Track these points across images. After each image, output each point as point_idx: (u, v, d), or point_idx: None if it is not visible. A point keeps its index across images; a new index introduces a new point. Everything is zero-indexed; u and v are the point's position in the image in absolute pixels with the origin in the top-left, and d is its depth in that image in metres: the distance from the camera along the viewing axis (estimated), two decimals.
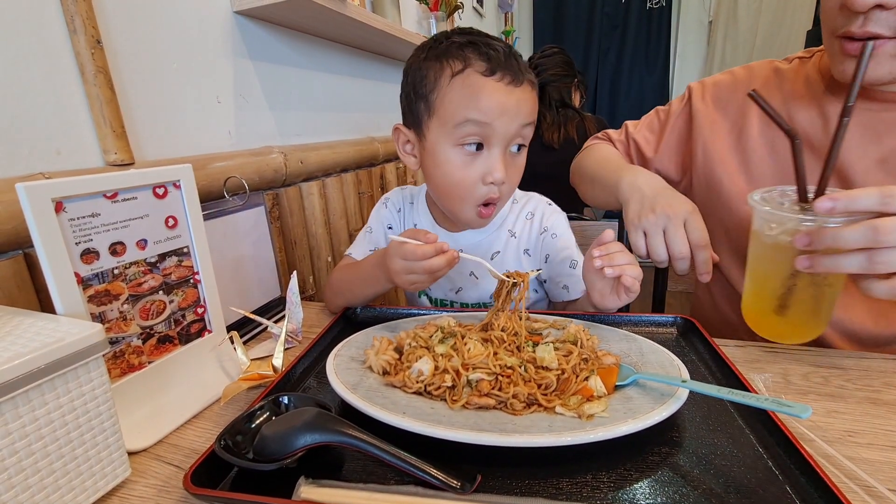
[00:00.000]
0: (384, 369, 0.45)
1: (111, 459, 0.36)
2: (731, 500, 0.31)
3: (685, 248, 0.57)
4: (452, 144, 0.57)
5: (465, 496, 0.31)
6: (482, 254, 0.66)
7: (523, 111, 0.56)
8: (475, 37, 0.57)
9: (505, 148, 0.57)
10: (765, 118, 0.65)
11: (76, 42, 0.52)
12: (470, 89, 0.54)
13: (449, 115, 0.56)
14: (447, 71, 0.55)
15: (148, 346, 0.45)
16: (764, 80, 0.68)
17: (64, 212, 0.37)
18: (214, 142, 0.74)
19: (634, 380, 0.42)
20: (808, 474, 0.32)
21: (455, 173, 0.58)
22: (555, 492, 0.33)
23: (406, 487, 0.33)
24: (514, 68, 0.55)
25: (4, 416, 0.29)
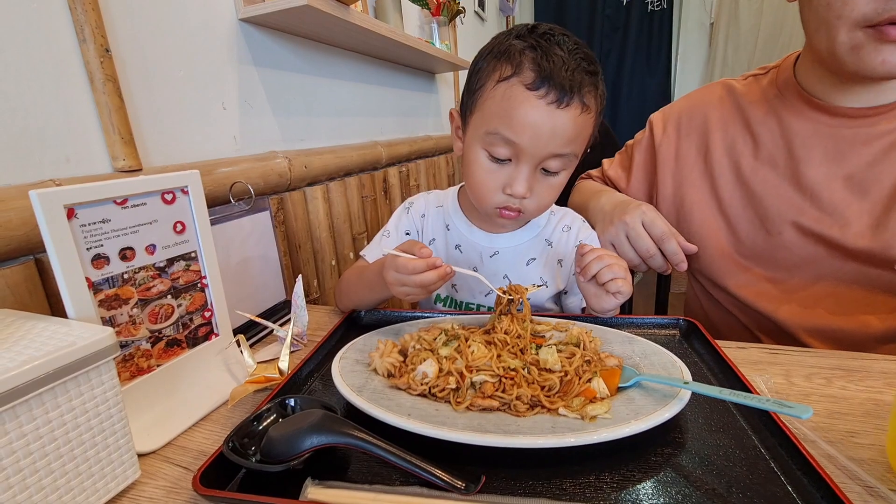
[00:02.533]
0: (389, 372, 0.46)
1: (121, 461, 0.36)
2: (734, 499, 0.32)
3: (651, 245, 0.60)
4: (482, 147, 0.55)
5: (469, 497, 0.32)
6: (517, 258, 0.67)
7: (560, 136, 0.52)
8: (546, 38, 0.52)
9: (535, 166, 0.54)
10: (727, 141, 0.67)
11: (85, 51, 0.53)
12: (508, 102, 0.51)
13: (485, 120, 0.54)
14: (496, 74, 0.53)
15: (157, 350, 0.45)
16: (719, 97, 0.69)
17: (75, 218, 0.38)
18: (220, 147, 0.75)
19: (637, 381, 0.43)
20: (810, 475, 0.32)
21: (479, 174, 0.57)
22: (558, 492, 0.33)
23: (411, 488, 0.33)
24: (566, 85, 0.50)
25: (19, 418, 0.30)
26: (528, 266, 0.67)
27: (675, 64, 2.99)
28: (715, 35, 2.79)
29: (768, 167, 0.63)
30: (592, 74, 0.52)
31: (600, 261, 0.53)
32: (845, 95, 0.56)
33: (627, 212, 0.63)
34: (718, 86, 0.71)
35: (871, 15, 0.47)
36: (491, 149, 0.54)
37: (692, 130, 0.71)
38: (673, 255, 0.60)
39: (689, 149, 0.71)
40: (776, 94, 0.63)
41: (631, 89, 3.08)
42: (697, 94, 0.74)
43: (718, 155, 0.67)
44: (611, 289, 0.52)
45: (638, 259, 0.62)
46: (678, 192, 0.71)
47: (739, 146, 0.65)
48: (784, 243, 0.62)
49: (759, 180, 0.63)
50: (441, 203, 0.72)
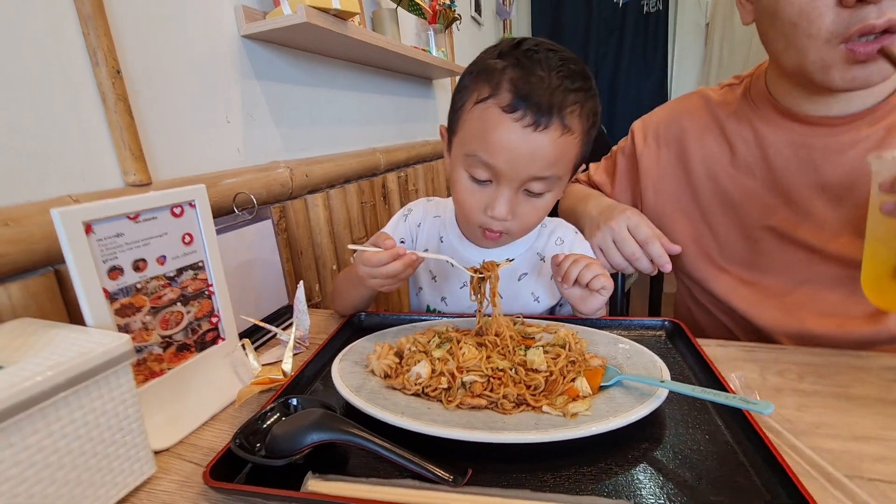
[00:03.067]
0: (385, 373, 0.49)
1: (138, 458, 0.39)
2: (703, 489, 0.34)
3: (636, 248, 0.62)
4: (463, 168, 0.55)
5: (457, 489, 0.34)
6: (510, 274, 0.67)
7: (539, 159, 0.50)
8: (529, 56, 0.50)
9: (516, 188, 0.54)
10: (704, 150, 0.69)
11: (98, 73, 0.56)
12: (484, 124, 0.51)
13: (464, 141, 0.54)
14: (475, 95, 0.52)
15: (168, 354, 0.48)
16: (695, 107, 0.71)
17: (93, 233, 0.41)
18: (224, 159, 0.78)
19: (618, 381, 0.45)
20: (773, 465, 0.34)
21: (462, 194, 0.57)
22: (539, 484, 0.35)
23: (404, 481, 0.36)
24: (544, 107, 0.48)
25: (48, 418, 0.33)
26: (519, 281, 0.68)
27: (672, 65, 3.01)
28: (710, 36, 2.81)
29: (745, 175, 0.65)
30: (578, 92, 0.50)
31: (577, 264, 0.56)
32: (815, 105, 0.58)
33: (613, 217, 0.65)
34: (695, 96, 0.73)
35: (840, 30, 0.47)
36: (471, 170, 0.54)
37: (671, 140, 0.73)
38: (658, 258, 0.62)
39: (669, 158, 0.73)
40: (749, 105, 0.64)
41: (628, 91, 3.11)
42: (675, 104, 0.76)
43: (696, 164, 0.69)
44: (595, 286, 0.55)
45: (624, 262, 0.64)
46: (659, 200, 0.73)
47: (716, 155, 0.67)
48: (764, 249, 0.64)
49: (736, 188, 0.65)
50: (439, 213, 0.72)
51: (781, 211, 0.62)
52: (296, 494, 0.35)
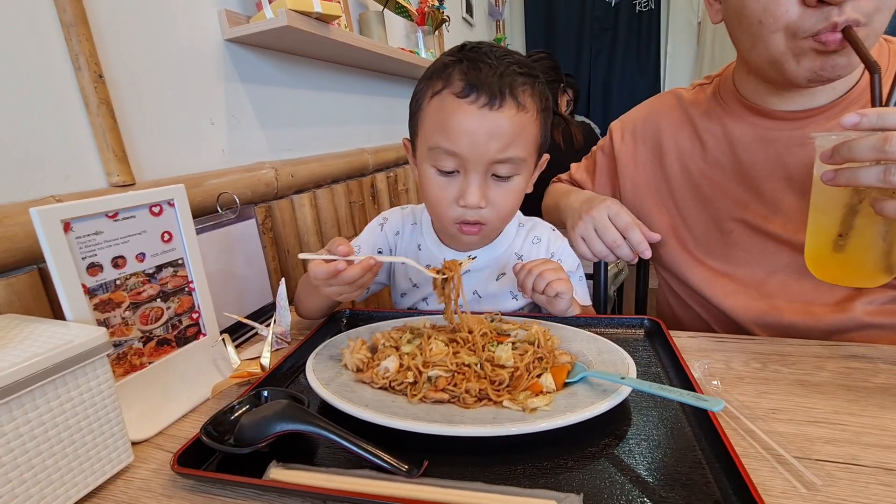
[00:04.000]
0: (357, 367, 0.50)
1: (116, 447, 0.41)
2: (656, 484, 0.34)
3: (617, 236, 0.64)
4: (430, 164, 0.56)
5: (412, 479, 0.35)
6: (488, 275, 0.69)
7: (499, 138, 0.52)
8: (474, 51, 0.54)
9: (484, 174, 0.55)
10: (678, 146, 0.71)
11: (81, 78, 0.58)
12: (442, 113, 0.53)
13: (426, 137, 0.56)
14: (429, 91, 0.54)
15: (148, 349, 0.50)
16: (669, 105, 0.74)
17: (71, 231, 0.43)
18: (209, 160, 0.80)
19: (583, 377, 0.45)
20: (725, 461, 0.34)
21: (432, 190, 0.58)
22: (493, 477, 0.36)
23: (362, 471, 0.37)
24: (495, 87, 0.50)
25: (24, 406, 0.34)
26: (497, 281, 0.69)
27: (665, 63, 3.03)
28: (702, 34, 2.83)
29: (716, 169, 0.67)
30: (526, 76, 0.53)
31: (530, 274, 0.57)
32: (780, 100, 0.60)
33: (594, 206, 0.67)
34: (669, 95, 0.76)
35: (806, 26, 0.48)
36: (437, 163, 0.55)
37: (647, 138, 0.75)
38: (637, 245, 0.63)
39: (646, 155, 0.75)
40: (719, 102, 0.67)
41: (621, 89, 3.12)
42: (651, 103, 0.78)
43: (671, 160, 0.71)
44: (549, 293, 0.56)
45: (606, 250, 0.66)
46: (637, 194, 0.75)
47: (689, 151, 0.70)
48: (736, 241, 0.66)
49: (707, 182, 0.68)
50: (416, 220, 0.73)
51: (752, 204, 0.64)
52: (255, 482, 0.36)
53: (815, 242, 0.47)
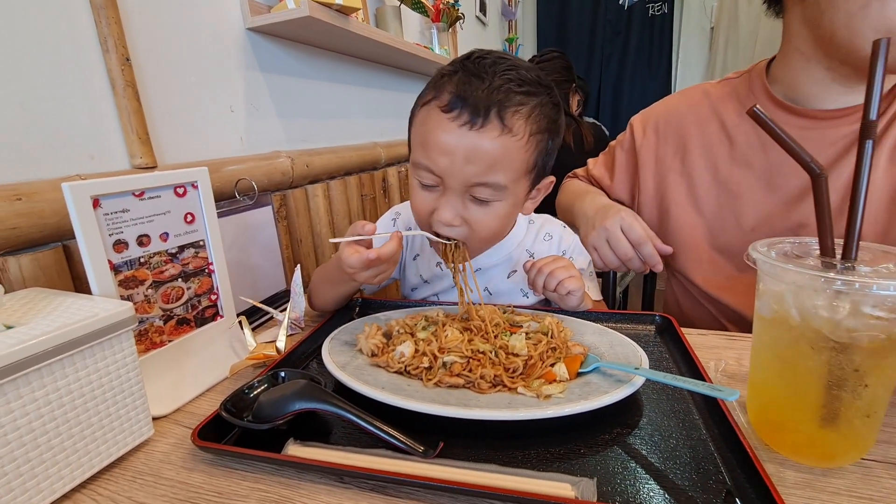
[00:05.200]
0: (372, 351, 0.50)
1: (138, 419, 0.41)
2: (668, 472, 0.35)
3: (628, 249, 0.63)
4: (414, 176, 0.55)
5: (427, 460, 0.36)
6: (499, 272, 0.69)
7: (478, 161, 0.48)
8: (476, 62, 0.50)
9: (461, 193, 0.52)
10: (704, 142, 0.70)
11: (108, 60, 0.59)
12: (425, 126, 0.51)
13: (413, 148, 0.54)
14: (421, 100, 0.53)
15: (168, 327, 0.51)
16: (696, 101, 0.72)
17: (100, 207, 0.44)
18: (228, 147, 0.81)
19: (596, 367, 0.45)
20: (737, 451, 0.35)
21: (413, 199, 0.57)
22: (507, 460, 0.36)
23: (378, 451, 0.37)
24: (480, 105, 0.47)
25: (54, 374, 0.35)
26: (508, 279, 0.70)
27: (676, 68, 3.03)
28: (715, 39, 2.82)
29: (744, 168, 0.66)
30: (527, 95, 0.49)
31: (541, 272, 0.57)
32: (819, 97, 0.59)
33: (608, 217, 0.66)
34: (696, 90, 0.75)
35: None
36: (418, 176, 0.54)
37: (669, 134, 0.74)
38: (648, 258, 0.63)
39: (667, 151, 0.74)
40: (751, 99, 0.66)
41: (632, 93, 3.12)
42: (675, 98, 0.78)
43: (696, 156, 0.71)
44: (561, 291, 0.57)
45: (617, 261, 0.65)
46: (658, 191, 0.75)
47: (716, 148, 0.69)
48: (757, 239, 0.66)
49: (734, 181, 0.67)
50: None
51: (778, 205, 0.64)
52: (274, 456, 0.37)
53: (797, 420, 0.36)
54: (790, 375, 0.35)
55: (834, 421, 0.34)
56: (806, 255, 0.35)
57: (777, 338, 0.36)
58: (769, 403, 0.38)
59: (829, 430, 0.34)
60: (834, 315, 0.31)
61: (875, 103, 0.32)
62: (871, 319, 0.31)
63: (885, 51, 0.32)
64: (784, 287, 0.34)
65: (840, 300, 0.31)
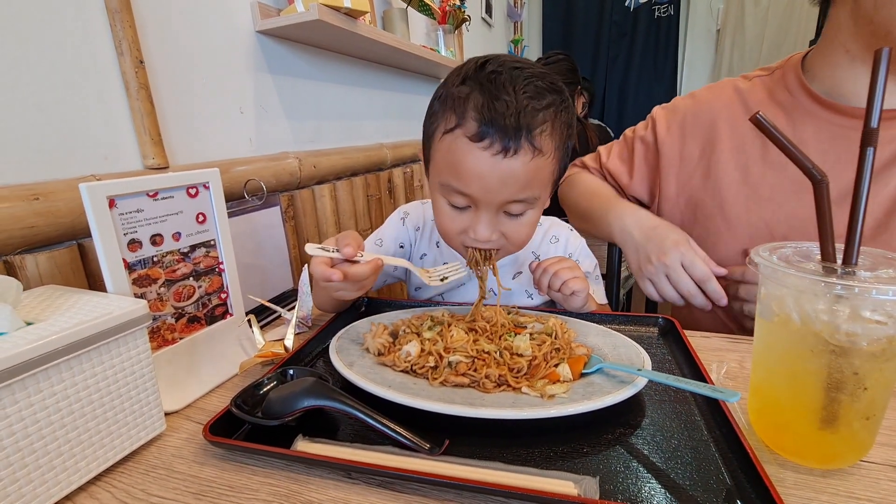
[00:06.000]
0: (379, 350, 0.51)
1: (151, 415, 0.43)
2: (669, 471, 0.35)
3: (692, 286, 0.60)
4: (441, 195, 0.55)
5: (433, 457, 0.36)
6: (505, 273, 0.69)
7: (511, 184, 0.49)
8: (493, 80, 0.48)
9: (495, 211, 0.53)
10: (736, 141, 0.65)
11: (123, 63, 0.60)
12: (454, 155, 0.50)
13: (438, 170, 0.54)
14: (442, 125, 0.51)
15: (180, 325, 0.52)
16: (727, 99, 0.69)
17: (115, 207, 0.45)
18: (237, 148, 0.82)
19: (599, 368, 0.46)
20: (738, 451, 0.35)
21: (442, 219, 0.56)
22: (512, 458, 0.37)
23: (385, 447, 0.38)
24: (510, 133, 0.47)
25: (73, 370, 0.36)
26: (513, 280, 0.70)
27: (682, 70, 3.02)
28: (721, 41, 2.81)
29: (777, 170, 0.63)
30: (547, 109, 0.49)
31: (546, 273, 0.58)
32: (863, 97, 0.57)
33: (665, 252, 0.62)
34: (726, 86, 0.70)
35: None
36: (448, 197, 0.54)
37: (698, 130, 0.70)
38: (713, 294, 0.60)
39: (694, 149, 0.70)
40: (786, 95, 0.62)
41: (638, 95, 3.12)
42: (704, 93, 0.73)
43: (726, 156, 0.67)
44: (565, 292, 0.57)
45: (677, 297, 0.62)
46: (682, 192, 0.71)
47: (748, 147, 0.65)
48: None
49: (767, 184, 0.64)
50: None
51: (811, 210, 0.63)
52: (284, 451, 0.38)
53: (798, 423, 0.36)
54: (790, 378, 0.36)
55: (833, 423, 0.34)
56: (807, 260, 0.36)
57: (778, 341, 0.37)
58: (770, 405, 0.38)
59: (829, 432, 0.35)
60: (834, 319, 0.32)
61: (877, 111, 0.32)
62: (870, 323, 0.31)
63: (886, 60, 0.32)
64: (785, 291, 0.34)
65: (840, 304, 0.32)
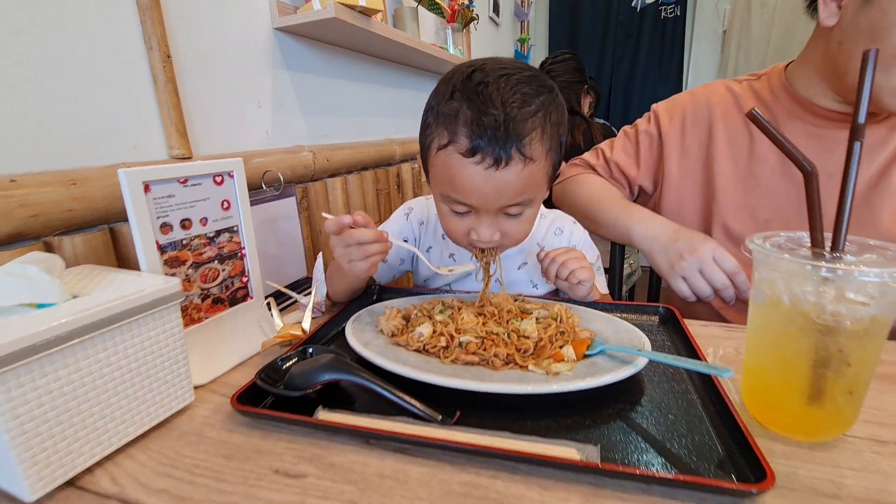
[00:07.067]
0: (393, 332, 0.54)
1: (182, 386, 0.46)
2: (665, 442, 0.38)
3: (725, 279, 0.64)
4: (443, 202, 0.58)
5: (445, 427, 0.39)
6: (510, 264, 0.72)
7: (506, 192, 0.52)
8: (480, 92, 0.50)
9: (495, 214, 0.56)
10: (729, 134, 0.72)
11: (151, 57, 0.63)
12: (450, 170, 0.53)
13: (436, 182, 0.57)
14: (436, 140, 0.53)
15: (205, 305, 0.55)
16: (721, 97, 0.75)
17: (150, 192, 0.48)
18: (255, 140, 0.85)
19: (602, 350, 0.49)
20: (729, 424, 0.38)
21: (446, 222, 0.59)
22: (519, 429, 0.39)
23: (399, 418, 0.41)
24: (500, 146, 0.49)
25: (115, 339, 0.39)
26: (518, 270, 0.73)
27: (687, 71, 3.03)
28: (727, 43, 2.82)
29: (762, 162, 0.70)
30: (535, 115, 0.50)
31: (554, 262, 0.61)
32: (834, 102, 0.63)
33: (696, 248, 0.65)
34: (719, 85, 0.78)
35: None
36: (449, 205, 0.57)
37: (696, 124, 0.76)
38: (743, 285, 0.64)
39: (693, 141, 0.77)
40: (771, 97, 0.70)
41: (643, 95, 3.13)
42: (701, 90, 0.80)
43: (721, 147, 0.73)
44: (572, 280, 0.60)
45: (710, 292, 0.66)
46: (682, 182, 0.77)
47: (739, 141, 0.72)
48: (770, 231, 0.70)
49: (753, 175, 0.71)
50: None
51: (789, 196, 0.67)
52: (308, 419, 0.41)
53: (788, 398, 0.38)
54: (780, 357, 0.39)
55: (819, 398, 0.37)
56: (798, 247, 0.38)
57: (769, 322, 0.39)
58: (761, 383, 0.41)
59: (815, 407, 0.37)
60: (820, 300, 0.34)
61: (864, 108, 0.35)
62: (853, 304, 0.34)
63: (873, 61, 0.35)
64: (777, 275, 0.37)
65: (826, 286, 0.34)
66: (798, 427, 0.39)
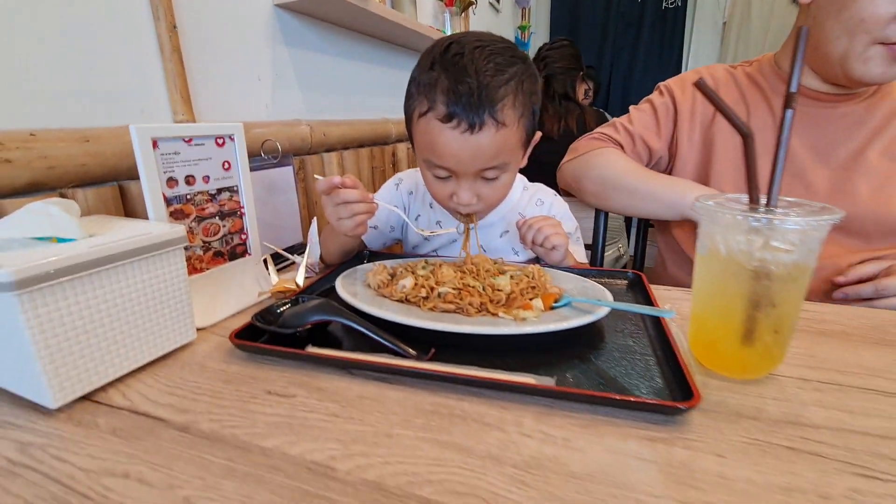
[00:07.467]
0: (379, 285, 0.59)
1: (185, 322, 0.50)
2: (617, 376, 0.43)
3: None
4: (426, 168, 0.63)
5: (420, 362, 0.44)
6: (492, 232, 0.77)
7: (482, 156, 0.57)
8: (455, 63, 0.54)
9: (473, 178, 0.61)
10: None
11: (158, 27, 0.67)
12: (429, 136, 0.57)
13: (419, 149, 0.62)
14: (417, 109, 0.58)
15: (207, 257, 0.60)
16: (724, 79, 0.82)
17: (157, 148, 0.52)
18: (255, 112, 0.89)
19: (568, 302, 0.54)
20: (672, 362, 0.43)
21: (431, 186, 0.65)
22: (486, 366, 0.43)
23: (380, 354, 0.45)
24: (474, 112, 0.53)
25: (127, 273, 0.44)
26: (501, 238, 0.77)
27: (687, 62, 3.05)
28: (727, 34, 2.84)
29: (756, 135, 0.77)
30: (507, 83, 0.54)
31: (531, 228, 0.65)
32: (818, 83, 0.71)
33: None
34: (718, 68, 0.85)
35: (887, 37, 0.60)
36: (432, 170, 0.62)
37: (703, 101, 0.82)
38: None
39: (703, 113, 0.83)
40: (762, 79, 0.77)
41: (643, 85, 3.15)
42: (704, 70, 0.87)
43: (723, 125, 0.79)
44: (547, 245, 0.65)
45: None
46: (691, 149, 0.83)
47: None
48: None
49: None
50: None
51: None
52: (297, 352, 0.46)
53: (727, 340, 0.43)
54: (718, 302, 0.43)
55: (750, 338, 0.42)
56: (737, 204, 0.43)
57: (709, 271, 0.44)
58: (703, 327, 0.46)
59: (747, 347, 0.42)
60: (749, 248, 0.39)
61: (796, 79, 0.39)
62: (778, 251, 0.38)
63: (805, 39, 0.39)
64: (716, 228, 0.42)
65: (755, 235, 0.39)
66: (733, 366, 0.44)
